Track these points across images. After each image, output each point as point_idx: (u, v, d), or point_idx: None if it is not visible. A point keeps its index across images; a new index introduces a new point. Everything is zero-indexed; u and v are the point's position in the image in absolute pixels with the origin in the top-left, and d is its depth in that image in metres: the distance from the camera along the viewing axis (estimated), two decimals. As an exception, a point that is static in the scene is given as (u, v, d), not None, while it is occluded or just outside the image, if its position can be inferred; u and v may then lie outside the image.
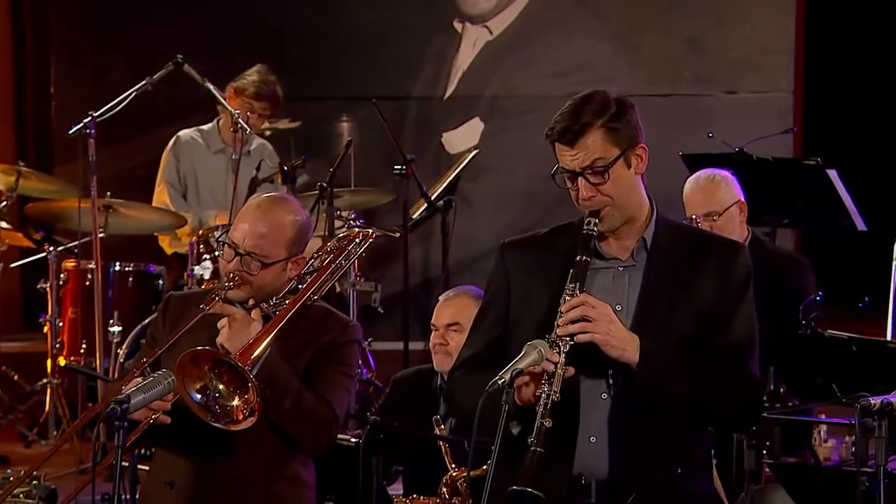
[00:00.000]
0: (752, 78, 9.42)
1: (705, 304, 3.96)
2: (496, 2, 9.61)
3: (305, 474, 4.65)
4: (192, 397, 4.27)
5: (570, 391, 3.90)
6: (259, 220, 4.53)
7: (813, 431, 6.82)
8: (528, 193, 8.96)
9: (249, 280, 4.49)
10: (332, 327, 4.62)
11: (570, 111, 3.96)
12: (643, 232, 4.02)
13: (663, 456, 3.95)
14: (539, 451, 3.76)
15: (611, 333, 3.86)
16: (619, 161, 3.95)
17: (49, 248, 7.86)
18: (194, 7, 9.46)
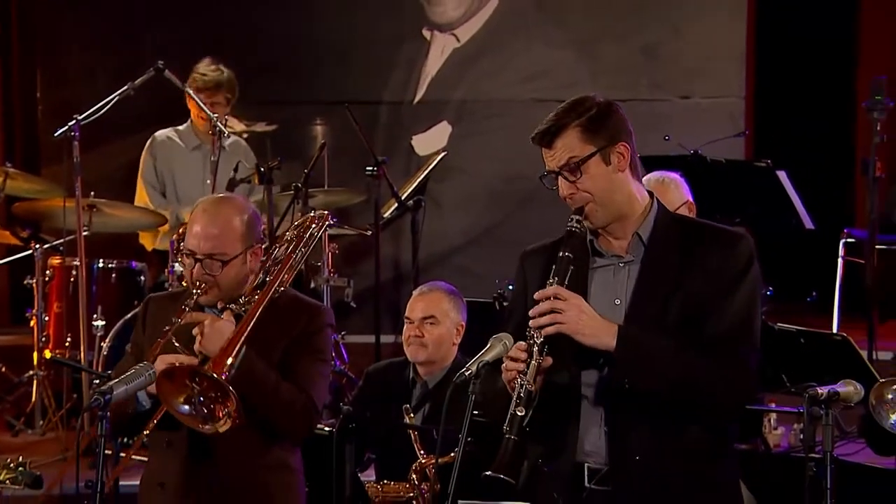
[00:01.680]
0: (706, 84, 9.43)
1: (701, 290, 3.88)
2: (463, 11, 9.62)
3: (292, 460, 4.66)
4: (180, 412, 4.28)
5: (571, 382, 3.89)
6: (209, 224, 4.52)
7: (763, 420, 6.84)
8: (493, 194, 8.95)
9: (215, 282, 4.48)
10: (303, 315, 4.61)
11: (554, 115, 3.96)
12: (638, 227, 3.98)
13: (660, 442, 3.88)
14: (513, 440, 3.74)
15: (581, 322, 3.81)
16: (595, 158, 3.92)
17: (35, 245, 7.83)
18: (174, 15, 9.42)
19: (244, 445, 4.51)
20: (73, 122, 7.24)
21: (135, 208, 7.98)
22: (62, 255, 7.79)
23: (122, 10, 9.50)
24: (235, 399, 4.22)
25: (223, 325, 4.41)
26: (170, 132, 8.13)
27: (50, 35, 9.65)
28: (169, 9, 9.45)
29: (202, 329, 4.40)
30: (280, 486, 4.62)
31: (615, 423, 3.88)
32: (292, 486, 4.66)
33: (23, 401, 7.88)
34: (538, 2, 9.58)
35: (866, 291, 7.79)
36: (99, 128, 7.63)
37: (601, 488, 3.85)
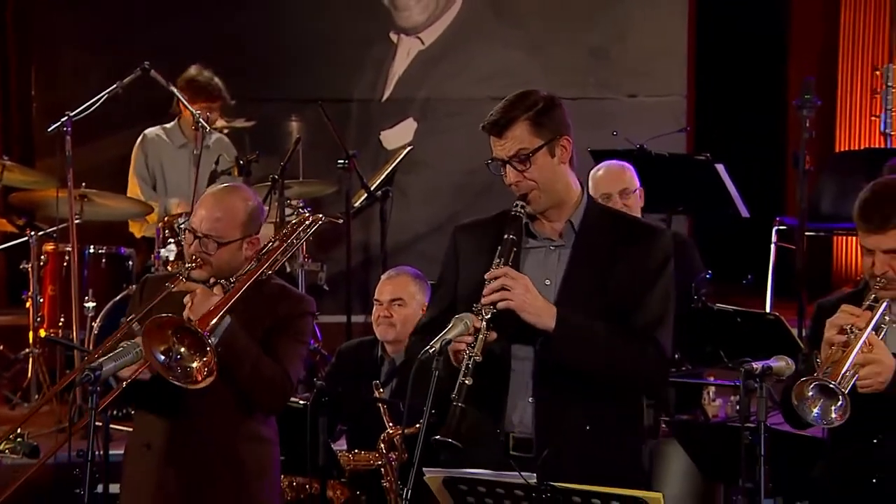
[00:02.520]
0: (650, 83, 9.46)
1: (625, 281, 3.96)
2: (427, 16, 9.61)
3: (267, 432, 4.66)
4: (156, 358, 4.25)
5: (501, 356, 3.92)
6: (214, 206, 4.54)
7: (703, 392, 6.87)
8: (455, 185, 8.97)
9: (209, 260, 4.50)
10: (288, 301, 4.63)
11: (502, 106, 3.99)
12: (571, 215, 4.02)
13: (581, 414, 3.94)
14: (460, 407, 3.77)
15: (527, 301, 3.86)
16: (542, 150, 3.96)
17: (31, 232, 7.78)
18: (161, 18, 9.38)
19: (225, 416, 4.52)
20: (65, 119, 7.26)
21: (124, 198, 7.94)
22: (56, 242, 7.76)
23: (112, 13, 9.44)
24: (213, 353, 4.22)
25: (212, 295, 4.42)
26: (158, 130, 8.07)
27: (44, 36, 9.59)
28: (156, 12, 9.40)
29: (192, 296, 4.41)
30: (257, 456, 4.62)
31: (542, 396, 3.94)
32: (268, 456, 4.67)
33: (19, 376, 7.86)
34: (496, 8, 9.59)
35: (796, 274, 7.83)
36: (90, 123, 7.59)
37: (525, 455, 3.89)
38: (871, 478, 4.07)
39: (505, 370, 3.96)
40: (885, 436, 4.03)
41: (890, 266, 3.99)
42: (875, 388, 3.88)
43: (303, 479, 5.57)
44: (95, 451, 4.41)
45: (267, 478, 4.67)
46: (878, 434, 4.04)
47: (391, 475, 5.38)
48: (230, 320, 4.36)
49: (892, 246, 3.98)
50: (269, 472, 4.68)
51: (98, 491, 4.62)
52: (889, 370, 3.88)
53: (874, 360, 3.88)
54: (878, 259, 4.00)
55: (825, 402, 3.85)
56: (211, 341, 4.24)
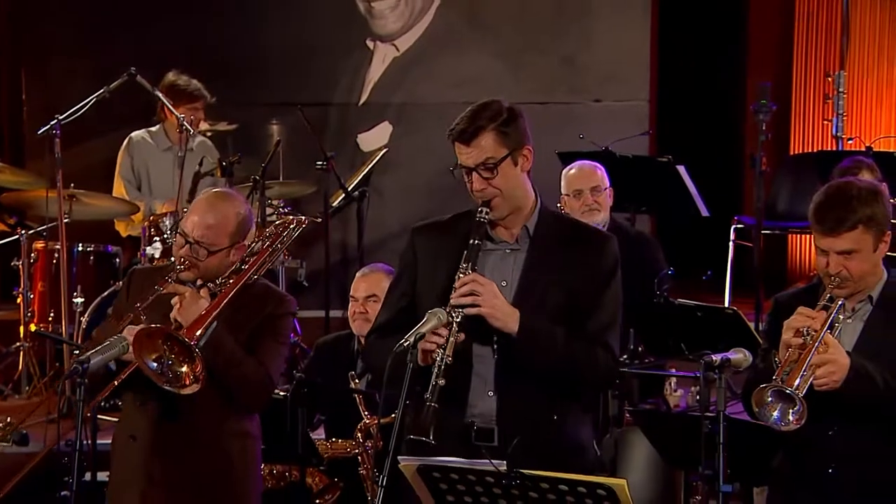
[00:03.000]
0: (615, 89, 9.46)
1: (576, 285, 4.00)
2: (402, 24, 9.59)
3: (250, 426, 4.65)
4: (149, 367, 4.25)
5: (463, 355, 3.92)
6: (207, 213, 4.51)
7: (665, 383, 6.89)
8: (429, 186, 8.95)
9: (197, 264, 4.47)
10: (271, 301, 4.62)
11: (468, 116, 3.99)
12: (527, 221, 4.05)
13: (539, 408, 3.99)
14: (433, 406, 3.79)
15: (495, 307, 3.89)
16: (507, 160, 3.97)
17: (21, 231, 7.76)
18: (146, 25, 9.33)
19: (210, 412, 4.50)
20: (54, 122, 7.23)
21: (111, 198, 7.91)
22: (45, 240, 7.73)
23: (99, 20, 9.39)
24: (201, 362, 4.22)
25: (200, 299, 4.41)
26: (144, 133, 8.04)
27: (34, 42, 9.54)
28: (141, 20, 9.35)
29: (181, 299, 4.39)
30: (239, 450, 4.61)
31: (502, 390, 3.98)
32: (250, 450, 4.66)
33: (10, 369, 7.82)
34: (468, 16, 9.58)
35: (753, 271, 7.85)
36: (78, 127, 7.58)
37: (487, 444, 3.90)
38: (827, 468, 4.08)
39: (467, 367, 3.98)
40: (839, 428, 4.05)
41: (844, 266, 4.00)
42: (830, 387, 3.90)
43: (283, 466, 5.56)
44: (83, 441, 4.39)
45: (249, 471, 4.65)
46: (833, 427, 4.05)
47: (367, 463, 5.38)
48: (216, 324, 4.35)
49: (846, 248, 3.99)
50: (252, 465, 4.66)
51: (86, 479, 4.64)
52: (843, 369, 3.89)
53: (829, 361, 3.89)
54: (833, 260, 4.00)
55: (783, 406, 3.87)
56: (198, 352, 4.23)
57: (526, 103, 4.42)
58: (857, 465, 4.05)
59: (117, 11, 9.39)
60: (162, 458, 4.50)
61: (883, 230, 4.03)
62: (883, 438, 4.04)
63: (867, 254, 4.01)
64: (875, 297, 4.10)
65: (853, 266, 4.00)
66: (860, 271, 4.02)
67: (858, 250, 4.00)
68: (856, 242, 3.99)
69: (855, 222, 3.98)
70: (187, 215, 4.57)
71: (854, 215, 3.98)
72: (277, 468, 5.57)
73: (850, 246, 3.99)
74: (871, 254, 4.03)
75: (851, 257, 4.00)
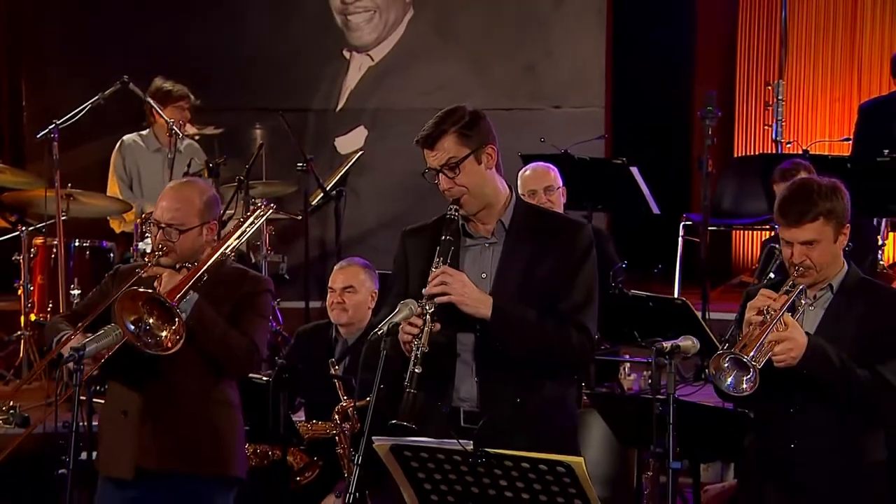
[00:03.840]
0: (573, 96, 9.47)
1: (551, 271, 3.96)
2: (376, 36, 9.58)
3: (233, 396, 4.62)
4: (126, 327, 4.23)
5: (447, 344, 3.91)
6: (173, 198, 4.52)
7: (619, 368, 6.89)
8: (402, 186, 8.94)
9: (174, 247, 4.47)
10: (248, 282, 4.61)
11: (433, 122, 3.98)
12: (502, 215, 4.02)
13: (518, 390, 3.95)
14: (413, 393, 3.77)
15: (465, 295, 3.86)
16: (470, 158, 3.95)
17: (22, 228, 7.70)
18: (137, 35, 9.29)
19: (195, 383, 4.49)
20: (52, 126, 7.20)
21: (105, 197, 7.87)
22: (44, 236, 7.69)
23: (92, 30, 9.36)
24: (180, 320, 4.21)
25: (178, 276, 4.42)
26: (135, 137, 8.00)
27: (33, 51, 9.49)
28: (134, 30, 9.32)
29: (161, 278, 4.41)
30: (224, 418, 4.59)
31: (485, 376, 3.95)
32: (234, 418, 4.64)
33: (12, 356, 7.77)
34: (438, 29, 9.57)
35: (700, 264, 7.88)
36: (74, 130, 7.52)
37: (474, 427, 3.89)
38: (789, 444, 4.12)
39: (452, 356, 3.96)
40: (799, 406, 4.08)
41: (806, 256, 4.05)
42: (788, 363, 3.93)
43: (266, 446, 5.54)
44: (79, 423, 4.37)
45: (234, 437, 4.64)
46: (794, 405, 4.08)
47: (344, 443, 5.36)
48: (197, 296, 4.34)
49: (807, 238, 4.04)
50: (236, 432, 4.64)
51: (82, 458, 4.63)
52: (801, 347, 3.92)
53: (788, 338, 3.92)
54: (796, 250, 4.05)
55: (738, 373, 3.90)
56: (178, 310, 4.23)
57: (491, 109, 4.41)
58: (816, 440, 4.09)
59: (111, 23, 9.35)
60: (153, 428, 4.48)
61: (842, 223, 4.08)
62: (840, 416, 4.07)
63: (828, 244, 4.06)
64: (835, 286, 4.14)
65: (815, 255, 4.05)
66: (822, 261, 4.07)
67: (819, 241, 4.05)
68: (817, 233, 4.04)
69: (816, 214, 4.03)
70: (157, 204, 4.57)
71: (815, 208, 4.04)
72: (261, 448, 5.54)
73: (811, 236, 4.04)
74: (832, 245, 4.08)
75: (813, 247, 4.05)
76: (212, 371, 4.49)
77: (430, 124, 3.97)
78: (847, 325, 4.07)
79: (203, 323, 4.35)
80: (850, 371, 3.97)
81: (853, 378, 3.97)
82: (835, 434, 4.09)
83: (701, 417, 4.74)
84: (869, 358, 4.02)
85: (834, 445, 4.09)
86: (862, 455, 4.12)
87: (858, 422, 4.10)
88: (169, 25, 9.37)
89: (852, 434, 4.10)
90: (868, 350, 4.03)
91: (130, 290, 4.25)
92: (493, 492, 3.62)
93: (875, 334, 4.05)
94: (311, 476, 5.63)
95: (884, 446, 4.18)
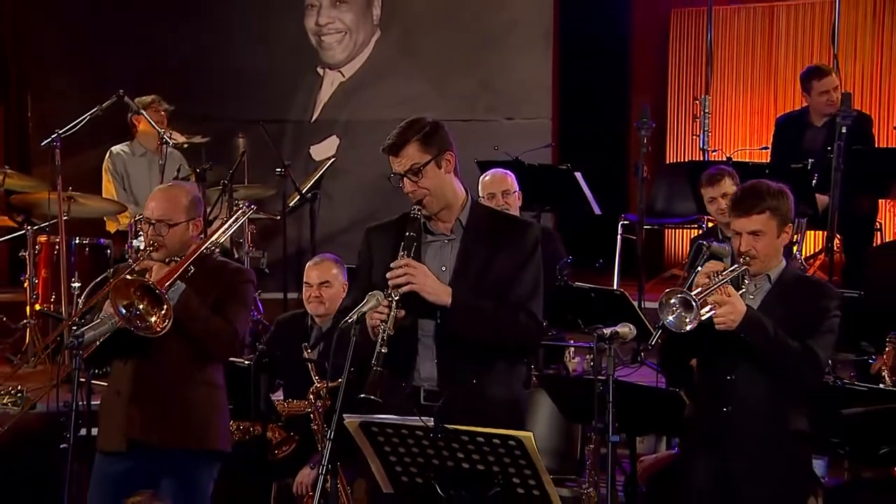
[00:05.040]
0: (524, 109, 9.48)
1: (502, 264, 3.96)
2: (347, 54, 9.56)
3: (218, 378, 4.61)
4: (119, 311, 4.21)
5: (411, 328, 3.90)
6: (161, 197, 4.52)
7: (565, 352, 6.87)
8: (370, 189, 8.91)
9: (163, 242, 4.45)
10: (231, 273, 4.60)
11: (397, 132, 3.97)
12: (459, 215, 4.02)
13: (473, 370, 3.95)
14: (379, 370, 3.76)
15: (426, 283, 3.86)
16: (431, 164, 3.94)
17: (28, 227, 7.66)
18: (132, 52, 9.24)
19: (182, 366, 4.48)
20: (55, 135, 7.18)
21: (103, 199, 7.85)
22: (48, 234, 7.63)
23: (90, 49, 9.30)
24: (168, 305, 4.21)
25: (167, 267, 4.40)
26: (122, 146, 8.05)
27: (37, 67, 9.40)
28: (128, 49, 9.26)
29: (151, 271, 4.39)
30: (209, 397, 4.58)
31: (443, 357, 3.94)
32: (218, 397, 4.62)
33: (19, 342, 7.69)
34: (402, 48, 9.56)
35: (637, 259, 7.89)
36: (75, 139, 7.44)
37: (434, 404, 3.87)
38: (724, 408, 4.19)
39: (414, 340, 3.95)
40: (736, 375, 4.17)
41: (752, 246, 4.15)
42: (727, 326, 4.02)
43: (248, 423, 5.51)
44: (79, 402, 4.35)
45: (218, 414, 4.62)
46: (731, 373, 4.17)
47: (318, 420, 5.34)
48: (183, 286, 4.32)
49: (754, 228, 4.14)
50: (217, 409, 4.62)
51: (82, 434, 4.62)
52: (739, 313, 4.01)
53: (730, 302, 4.02)
54: (744, 239, 4.17)
55: (682, 313, 3.97)
56: (167, 296, 4.22)
57: (450, 120, 4.40)
58: (748, 406, 4.17)
59: (108, 42, 9.29)
60: (143, 406, 4.47)
61: (785, 222, 4.19)
62: (771, 385, 4.16)
63: (771, 238, 4.17)
64: (773, 278, 4.24)
65: (760, 246, 4.15)
66: (765, 252, 4.16)
67: (764, 232, 4.15)
68: (762, 225, 4.14)
69: (763, 208, 4.15)
70: (147, 205, 4.56)
71: (763, 203, 4.16)
72: (243, 424, 5.51)
73: (757, 227, 4.14)
74: (775, 239, 4.18)
75: (758, 238, 4.15)
76: (198, 355, 4.48)
77: (395, 134, 3.96)
78: (781, 311, 4.16)
79: (189, 310, 4.34)
80: (784, 341, 4.07)
81: (786, 346, 4.07)
82: (764, 402, 4.17)
83: (637, 396, 4.75)
84: (800, 335, 4.11)
85: (763, 411, 4.17)
86: (786, 422, 4.20)
87: (786, 393, 4.18)
88: (161, 45, 9.31)
89: (780, 403, 4.19)
90: (798, 330, 4.12)
91: (123, 278, 4.24)
92: (452, 463, 3.62)
93: (804, 316, 4.15)
94: (288, 450, 5.60)
95: (807, 420, 4.26)
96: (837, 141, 6.82)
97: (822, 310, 4.17)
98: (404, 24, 9.55)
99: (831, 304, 4.19)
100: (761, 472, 4.18)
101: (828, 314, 4.17)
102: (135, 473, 4.45)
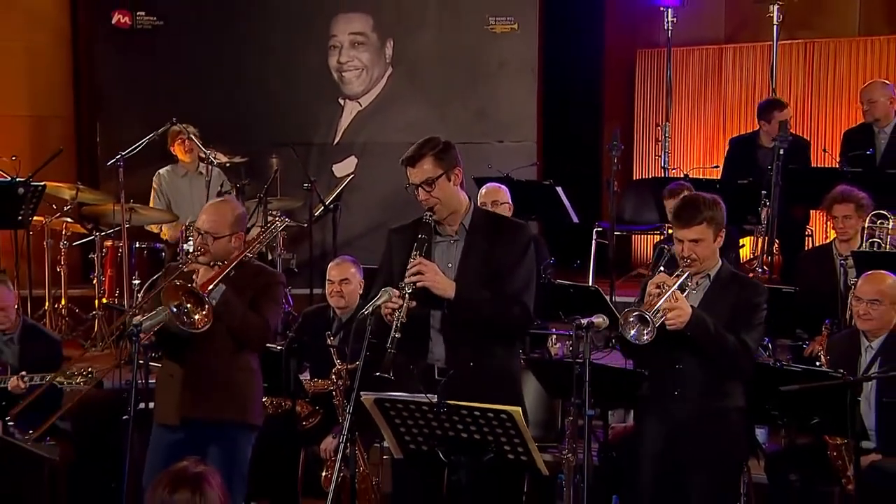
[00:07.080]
0: (513, 133, 9.45)
1: (499, 261, 3.95)
2: (364, 87, 9.54)
3: (254, 363, 4.60)
4: (171, 309, 4.21)
5: (424, 317, 3.90)
6: (212, 212, 4.51)
7: (548, 338, 6.86)
8: (384, 202, 8.89)
9: (209, 249, 4.44)
10: (265, 275, 4.59)
11: (415, 147, 3.98)
12: (463, 219, 4.02)
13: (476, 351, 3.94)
14: (392, 352, 3.76)
15: (436, 281, 3.86)
16: (443, 177, 3.94)
17: (96, 233, 7.68)
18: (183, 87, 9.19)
19: (224, 354, 4.47)
20: (119, 156, 7.27)
21: (158, 210, 7.91)
22: (113, 240, 7.66)
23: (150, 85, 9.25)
24: (209, 306, 4.21)
25: (211, 271, 4.39)
26: (167, 168, 8.12)
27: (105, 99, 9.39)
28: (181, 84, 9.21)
29: (199, 272, 4.40)
30: (246, 380, 4.57)
31: (451, 340, 3.94)
32: (254, 380, 4.61)
33: (89, 330, 7.73)
34: (411, 81, 9.54)
35: (608, 261, 7.87)
36: (136, 159, 7.50)
37: (443, 378, 3.85)
38: (673, 391, 4.17)
39: (427, 326, 3.95)
40: (684, 363, 4.15)
41: (693, 251, 4.13)
42: (677, 327, 4.00)
43: (279, 399, 5.50)
44: (138, 381, 4.34)
45: (254, 395, 4.61)
46: (680, 361, 4.15)
47: (339, 396, 5.33)
48: (225, 288, 4.31)
49: (693, 237, 4.12)
50: (253, 391, 4.62)
51: (140, 408, 4.65)
52: (687, 315, 4.00)
53: (678, 307, 4.00)
54: (685, 246, 4.14)
55: (640, 327, 3.96)
56: (209, 299, 4.22)
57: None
58: (694, 389, 4.15)
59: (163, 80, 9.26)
60: (192, 387, 4.47)
61: (720, 228, 4.17)
62: (713, 372, 4.15)
63: (709, 243, 4.15)
64: (712, 276, 4.22)
65: (699, 250, 4.13)
66: (703, 255, 4.15)
67: (703, 239, 4.13)
68: (701, 234, 4.12)
69: (701, 220, 4.13)
70: (199, 216, 4.56)
71: (701, 214, 4.13)
72: (276, 400, 5.50)
73: (696, 236, 4.12)
74: (712, 244, 4.16)
75: (698, 244, 4.13)
76: (236, 345, 4.46)
77: (413, 148, 3.97)
78: (719, 304, 4.14)
79: (228, 307, 4.34)
80: (723, 336, 4.05)
81: (724, 342, 4.05)
82: (706, 384, 4.15)
83: (609, 376, 4.73)
84: (735, 328, 4.10)
85: (705, 392, 4.16)
86: (724, 398, 4.19)
87: (724, 376, 4.17)
88: (207, 78, 9.29)
89: (719, 384, 4.17)
90: (734, 322, 4.11)
91: (173, 283, 4.22)
92: (452, 433, 3.62)
93: (738, 309, 4.13)
94: (314, 421, 5.59)
95: (743, 396, 4.23)
96: (776, 161, 6.84)
97: (755, 305, 4.17)
98: (412, 62, 9.55)
99: (761, 300, 4.19)
100: (703, 441, 4.16)
101: (759, 309, 4.17)
102: (185, 442, 4.45)
